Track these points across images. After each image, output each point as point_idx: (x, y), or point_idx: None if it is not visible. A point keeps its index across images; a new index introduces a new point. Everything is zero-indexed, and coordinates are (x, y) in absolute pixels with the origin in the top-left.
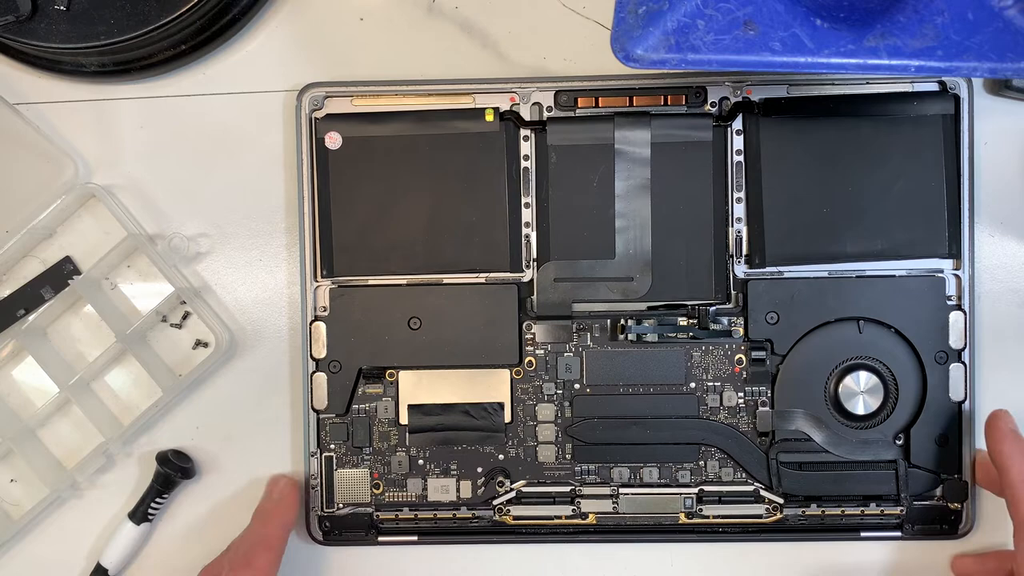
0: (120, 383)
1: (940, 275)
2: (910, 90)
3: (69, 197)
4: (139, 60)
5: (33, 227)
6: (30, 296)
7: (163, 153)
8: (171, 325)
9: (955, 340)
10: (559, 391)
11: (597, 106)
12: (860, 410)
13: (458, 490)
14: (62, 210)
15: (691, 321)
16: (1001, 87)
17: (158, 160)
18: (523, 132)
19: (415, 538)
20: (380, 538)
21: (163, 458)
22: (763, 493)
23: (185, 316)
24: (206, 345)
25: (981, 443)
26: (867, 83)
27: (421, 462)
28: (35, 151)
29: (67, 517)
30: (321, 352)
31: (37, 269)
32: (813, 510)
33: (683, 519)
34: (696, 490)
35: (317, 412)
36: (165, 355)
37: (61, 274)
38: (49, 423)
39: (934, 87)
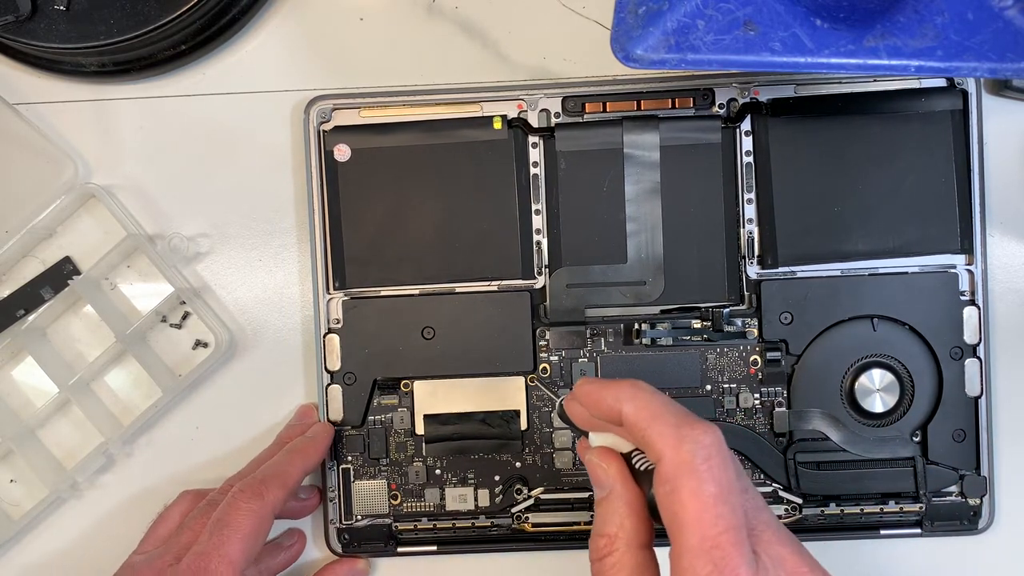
0: (120, 383)
1: (953, 271)
2: (918, 86)
3: (69, 197)
4: (139, 60)
5: (33, 227)
6: (30, 296)
7: (163, 153)
8: (171, 325)
9: (970, 335)
10: None
11: (605, 111)
12: (876, 408)
13: (476, 499)
14: (62, 210)
15: (705, 323)
16: (1001, 87)
17: (158, 160)
18: (531, 139)
19: (434, 548)
20: (399, 548)
21: None
22: (782, 494)
23: (185, 316)
24: (206, 345)
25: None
26: (875, 81)
27: (438, 472)
28: (35, 151)
29: (67, 517)
30: (335, 364)
31: (37, 269)
32: (832, 509)
33: None
34: None
35: (333, 424)
36: (165, 355)
37: (61, 274)
38: (49, 423)
39: (942, 83)
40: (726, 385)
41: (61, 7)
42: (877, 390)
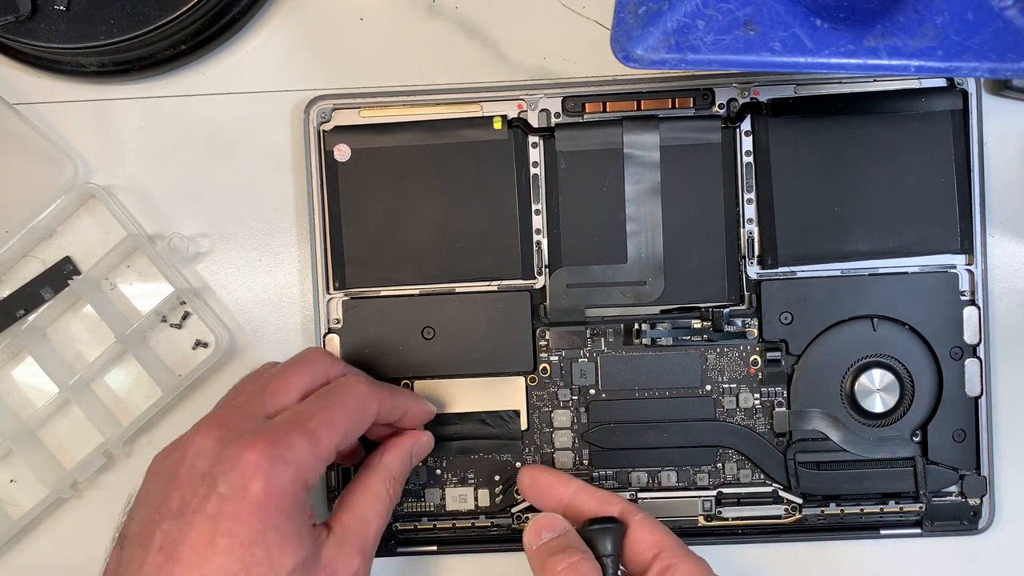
0: (120, 383)
1: (953, 271)
2: (918, 86)
3: (69, 197)
4: (139, 60)
5: (33, 227)
6: (30, 296)
7: (163, 153)
8: (171, 325)
9: (970, 335)
10: (574, 397)
11: (605, 111)
12: (876, 408)
13: (476, 499)
14: (62, 210)
15: (705, 323)
16: (1001, 87)
17: (158, 160)
18: (531, 139)
19: (434, 548)
20: (399, 549)
21: None
22: (782, 494)
23: (185, 316)
24: (206, 345)
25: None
26: (875, 81)
27: (438, 472)
28: (35, 151)
29: (67, 517)
30: None
31: (37, 269)
32: (832, 509)
33: (702, 522)
34: (714, 492)
35: None
36: (165, 355)
37: (61, 274)
38: (49, 423)
39: (942, 83)
40: (726, 385)
41: (61, 7)
42: (877, 390)
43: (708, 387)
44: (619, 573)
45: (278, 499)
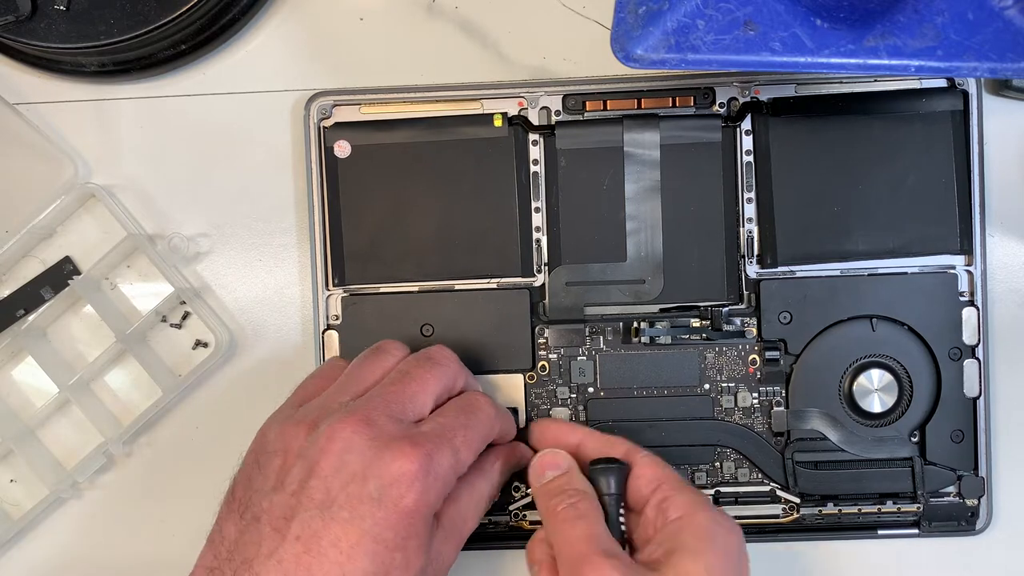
0: (120, 383)
1: (952, 271)
2: (918, 87)
3: (69, 197)
4: (139, 60)
5: (33, 227)
6: (30, 296)
7: (163, 153)
8: (171, 325)
9: (968, 336)
10: (573, 395)
11: (605, 109)
12: (875, 408)
13: None
14: (62, 210)
15: (704, 322)
16: (1001, 87)
17: (158, 160)
18: (532, 137)
19: None
20: None
21: None
22: (779, 493)
23: (185, 316)
24: (206, 345)
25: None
26: (875, 81)
27: None
28: (35, 151)
29: (67, 517)
30: None
31: (37, 269)
32: (830, 509)
33: None
34: (712, 491)
35: None
36: (165, 355)
37: (61, 274)
38: (49, 423)
39: (942, 83)
40: (724, 384)
41: (61, 7)
42: (876, 390)
43: (707, 386)
44: (621, 511)
45: (425, 511)
